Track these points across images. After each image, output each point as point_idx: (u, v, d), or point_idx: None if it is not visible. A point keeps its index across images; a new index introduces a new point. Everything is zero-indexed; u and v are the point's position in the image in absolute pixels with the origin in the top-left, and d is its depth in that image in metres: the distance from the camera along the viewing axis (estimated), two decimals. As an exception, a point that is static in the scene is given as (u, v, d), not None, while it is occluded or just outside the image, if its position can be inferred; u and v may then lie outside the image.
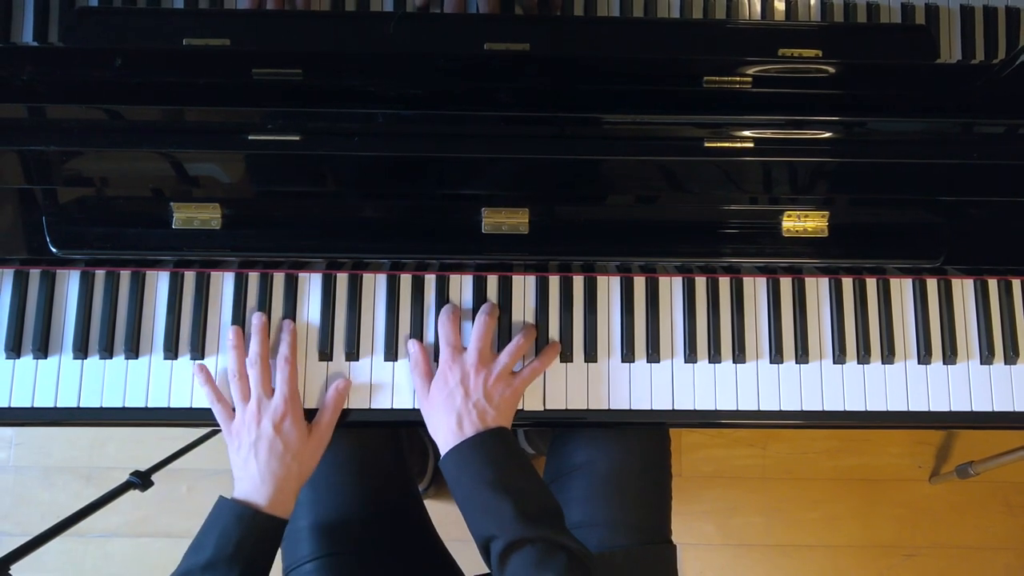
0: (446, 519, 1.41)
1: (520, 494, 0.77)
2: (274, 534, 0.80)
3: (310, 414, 0.87)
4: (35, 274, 0.88)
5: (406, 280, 0.90)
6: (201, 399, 0.87)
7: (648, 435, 0.98)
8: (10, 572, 0.87)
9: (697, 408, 0.89)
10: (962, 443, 1.66)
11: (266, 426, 0.82)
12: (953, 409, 0.90)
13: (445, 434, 0.81)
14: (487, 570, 0.97)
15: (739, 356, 0.90)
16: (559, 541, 0.75)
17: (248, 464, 0.81)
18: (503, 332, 0.89)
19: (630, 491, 0.95)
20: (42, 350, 0.87)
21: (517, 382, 0.85)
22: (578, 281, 0.91)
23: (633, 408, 0.89)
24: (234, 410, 0.85)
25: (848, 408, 0.89)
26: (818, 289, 0.92)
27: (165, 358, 0.88)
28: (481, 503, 0.77)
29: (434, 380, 0.85)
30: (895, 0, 0.86)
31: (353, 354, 0.89)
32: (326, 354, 0.89)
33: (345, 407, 0.88)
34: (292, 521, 0.94)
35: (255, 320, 0.87)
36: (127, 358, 0.87)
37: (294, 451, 0.82)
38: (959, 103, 0.87)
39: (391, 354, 0.89)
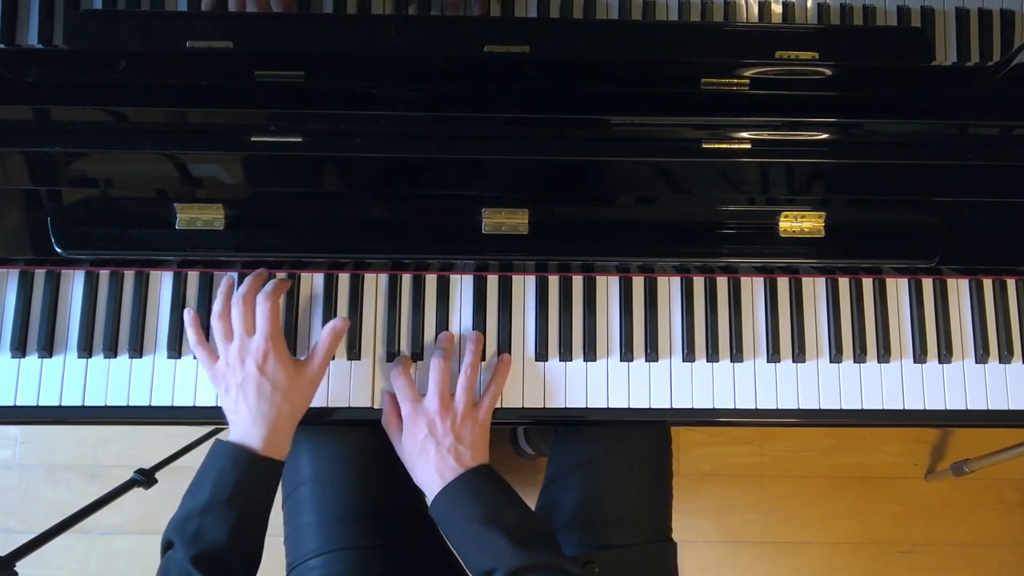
0: (447, 516, 1.42)
1: (512, 525, 0.77)
2: (271, 476, 0.79)
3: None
4: (40, 274, 0.88)
5: (407, 280, 0.90)
6: (206, 398, 0.87)
7: (649, 433, 0.98)
8: (15, 569, 0.87)
9: (695, 407, 0.89)
10: (957, 441, 1.66)
11: (250, 366, 0.80)
12: (948, 407, 0.90)
13: (428, 484, 0.82)
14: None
15: (737, 355, 0.90)
16: (558, 564, 0.75)
17: (239, 406, 0.80)
18: (502, 332, 0.89)
19: (631, 489, 0.95)
20: (47, 349, 0.87)
21: (482, 414, 0.85)
22: (577, 281, 0.91)
23: (632, 407, 0.89)
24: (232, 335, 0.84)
25: (844, 407, 0.89)
26: (815, 289, 0.92)
27: (169, 357, 0.88)
28: (475, 540, 0.77)
29: (403, 435, 0.84)
30: (891, 3, 0.86)
31: (355, 353, 0.89)
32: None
33: (347, 405, 0.88)
34: (296, 516, 0.93)
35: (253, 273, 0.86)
36: (131, 357, 0.88)
37: (283, 390, 0.81)
38: (954, 105, 0.87)
39: (392, 353, 0.89)
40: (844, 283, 0.92)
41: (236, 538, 0.75)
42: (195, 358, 0.87)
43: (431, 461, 0.81)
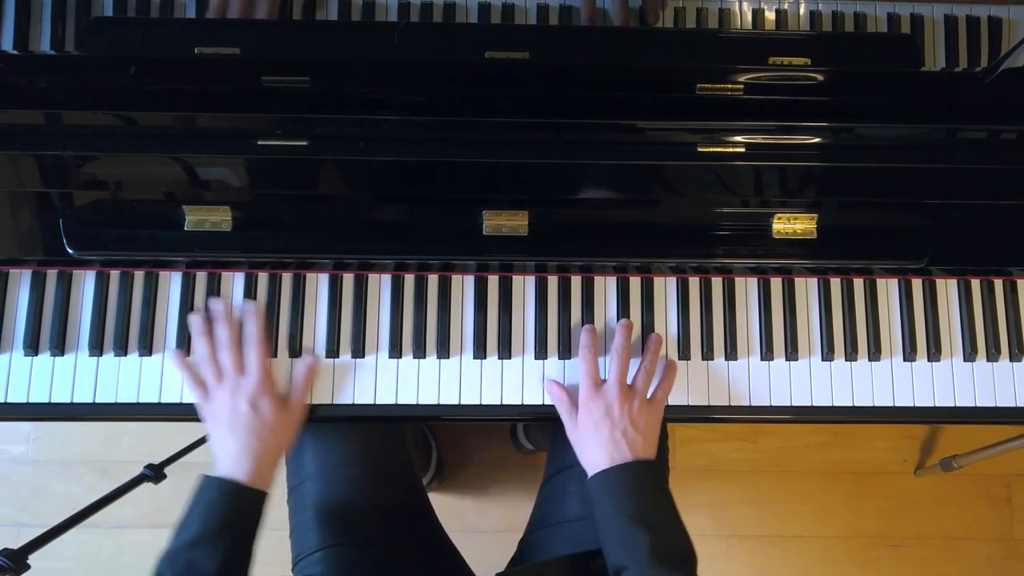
0: (449, 511, 1.42)
1: (658, 532, 0.76)
2: (257, 507, 0.80)
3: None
4: (52, 274, 0.88)
5: (409, 280, 0.90)
6: (212, 395, 0.87)
7: None
8: (28, 562, 0.87)
9: (691, 403, 0.89)
10: (946, 437, 1.66)
11: (241, 404, 0.81)
12: (937, 405, 0.90)
13: (593, 460, 0.81)
14: (488, 562, 0.97)
15: (731, 353, 0.90)
16: None
17: (227, 442, 0.81)
18: (503, 331, 0.89)
19: None
20: (59, 348, 0.87)
21: (657, 405, 0.85)
22: (576, 281, 0.91)
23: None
24: (221, 376, 0.84)
25: (836, 404, 0.89)
26: (807, 289, 0.92)
27: (177, 355, 0.88)
28: (619, 533, 0.77)
29: (580, 413, 0.84)
30: (881, 10, 0.86)
31: (359, 351, 0.89)
32: (333, 351, 0.88)
33: (351, 402, 0.88)
34: (300, 512, 0.93)
35: (217, 306, 0.86)
36: (141, 355, 0.87)
37: (271, 427, 0.82)
38: (943, 109, 0.87)
39: (395, 351, 0.89)
40: (836, 283, 0.92)
41: (225, 570, 0.75)
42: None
43: (603, 440, 0.81)
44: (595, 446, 0.81)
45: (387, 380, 0.88)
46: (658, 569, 0.73)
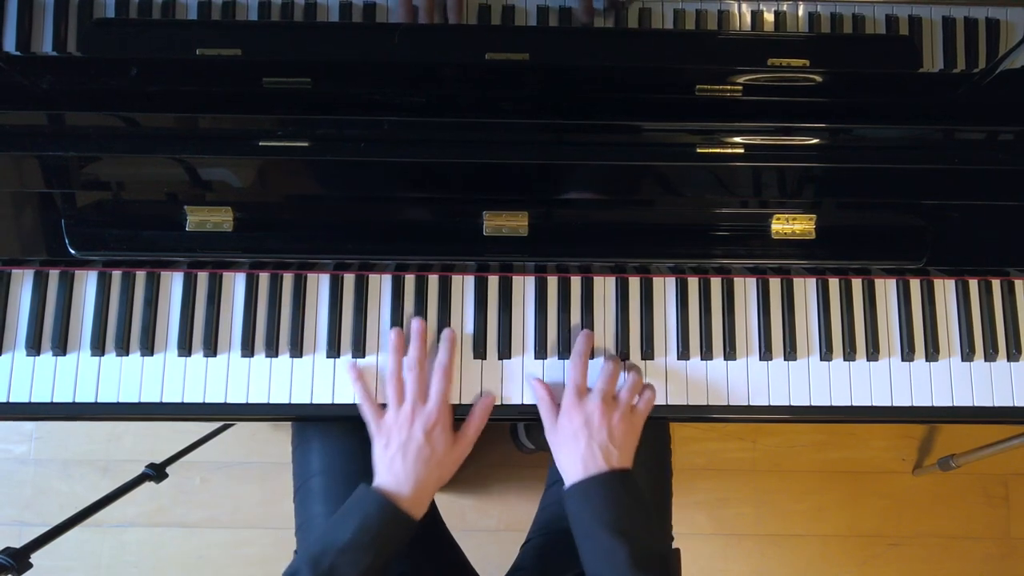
0: (450, 510, 1.41)
1: (635, 541, 0.76)
2: (406, 531, 0.80)
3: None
4: (54, 274, 0.88)
5: (410, 280, 0.90)
6: (214, 394, 0.87)
7: (649, 432, 0.98)
8: (30, 560, 0.87)
9: (690, 403, 0.89)
10: (944, 437, 1.66)
11: (417, 430, 0.82)
12: (935, 404, 0.90)
13: (569, 470, 0.82)
14: (489, 561, 0.97)
15: (730, 353, 0.90)
16: None
17: (394, 462, 0.81)
18: (503, 331, 0.89)
19: None
20: (61, 347, 0.87)
21: (636, 419, 0.85)
22: (575, 281, 0.91)
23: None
24: (383, 407, 0.85)
25: (834, 403, 0.89)
26: (806, 289, 0.92)
27: (179, 355, 0.88)
28: (597, 543, 0.77)
29: (560, 417, 0.84)
30: (879, 11, 0.86)
31: (360, 351, 0.89)
32: (334, 351, 0.88)
33: (352, 401, 0.88)
34: (307, 507, 0.93)
35: (415, 325, 0.87)
36: (143, 355, 0.87)
37: (439, 458, 0.82)
38: (941, 110, 0.87)
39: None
40: (834, 283, 0.92)
41: None
42: (205, 356, 0.87)
43: (579, 450, 0.81)
44: (572, 454, 0.81)
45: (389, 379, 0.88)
46: None
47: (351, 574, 0.74)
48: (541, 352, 0.89)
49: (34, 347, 0.87)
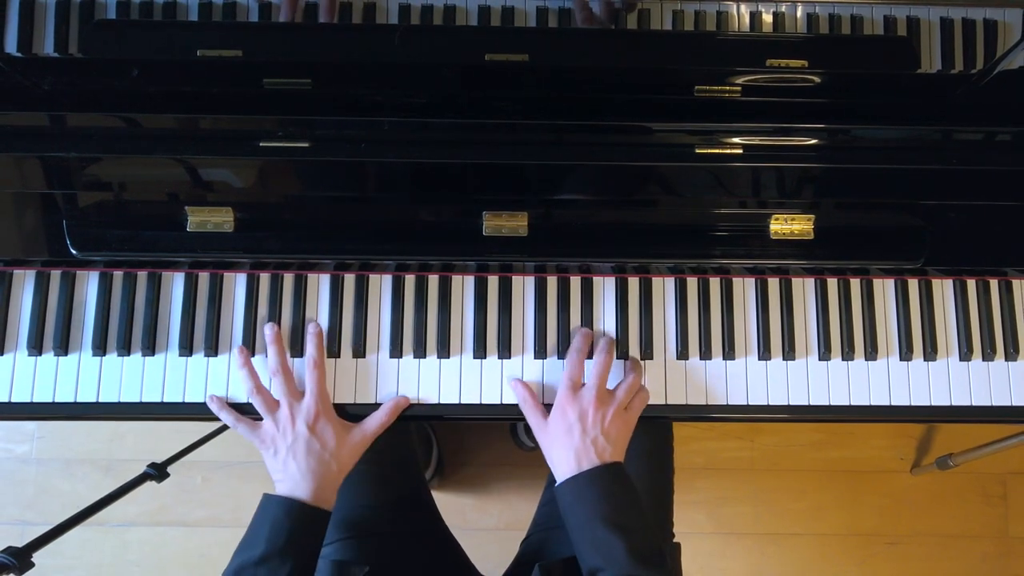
0: (449, 508, 1.41)
1: (632, 532, 0.76)
2: (320, 526, 0.79)
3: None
4: (56, 275, 0.88)
5: (410, 280, 0.90)
6: (216, 393, 0.87)
7: (652, 431, 0.98)
8: (32, 560, 0.87)
9: (689, 403, 0.89)
10: (942, 436, 1.66)
11: (300, 427, 0.82)
12: (933, 404, 0.90)
13: (563, 466, 0.81)
14: (489, 559, 0.97)
15: (729, 353, 0.90)
16: None
17: (288, 465, 0.81)
18: (503, 331, 0.89)
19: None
20: (63, 347, 0.87)
21: (630, 416, 0.85)
22: (575, 281, 0.91)
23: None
24: (276, 402, 0.84)
25: (833, 403, 0.89)
26: (804, 289, 0.92)
27: (180, 355, 0.88)
28: (593, 537, 0.77)
29: (552, 413, 0.84)
30: (878, 12, 0.86)
31: (360, 351, 0.89)
32: (334, 351, 0.88)
33: (352, 401, 0.88)
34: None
35: (267, 331, 0.86)
36: (144, 355, 0.87)
37: (331, 450, 0.82)
38: (939, 111, 0.87)
39: (396, 351, 0.89)
40: (833, 283, 0.92)
41: None
42: (206, 356, 0.87)
43: (573, 446, 0.81)
44: (565, 450, 0.81)
45: (388, 380, 0.88)
46: (638, 569, 0.74)
47: None
48: (541, 352, 0.89)
49: (36, 347, 0.87)
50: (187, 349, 0.87)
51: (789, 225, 0.87)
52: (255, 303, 0.89)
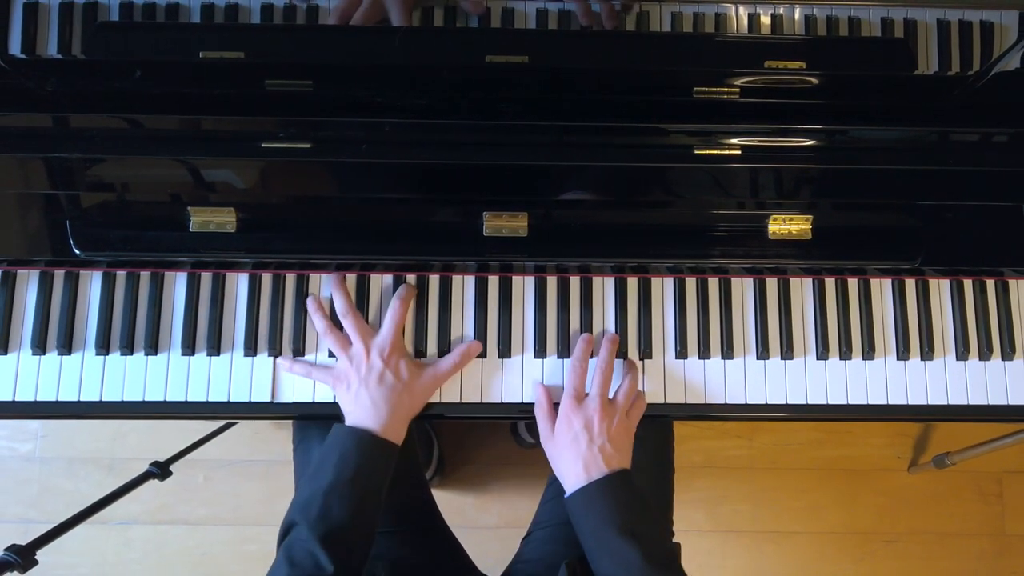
0: (450, 507, 1.42)
1: (646, 539, 0.76)
2: (389, 458, 0.79)
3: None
4: (59, 275, 0.88)
5: (411, 280, 0.90)
6: (218, 393, 0.87)
7: (653, 430, 0.98)
8: (36, 557, 0.87)
9: (688, 402, 0.89)
10: (939, 435, 1.66)
11: (375, 359, 0.82)
12: (930, 403, 0.90)
13: (572, 476, 0.81)
14: (489, 557, 0.97)
15: (727, 352, 0.90)
16: None
17: (359, 397, 0.81)
18: (503, 331, 0.89)
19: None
20: (66, 347, 0.87)
21: (631, 422, 0.85)
22: (575, 282, 0.91)
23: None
24: (348, 341, 0.85)
25: (831, 402, 0.89)
26: (802, 289, 0.92)
27: (183, 354, 0.88)
28: (608, 546, 0.77)
29: (558, 423, 0.84)
30: (875, 14, 0.86)
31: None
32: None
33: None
34: None
35: (333, 278, 0.87)
36: (147, 354, 0.87)
37: (405, 383, 0.82)
38: (936, 112, 0.87)
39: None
40: (830, 283, 0.92)
41: (358, 517, 0.75)
42: (208, 355, 0.87)
43: (580, 455, 0.81)
44: (572, 459, 0.81)
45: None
46: (655, 574, 0.74)
47: (342, 512, 0.74)
48: (540, 351, 0.89)
49: (39, 346, 0.87)
50: (190, 348, 0.88)
51: (787, 225, 0.87)
52: (257, 303, 0.89)
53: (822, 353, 0.90)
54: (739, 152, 0.83)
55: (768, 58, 0.85)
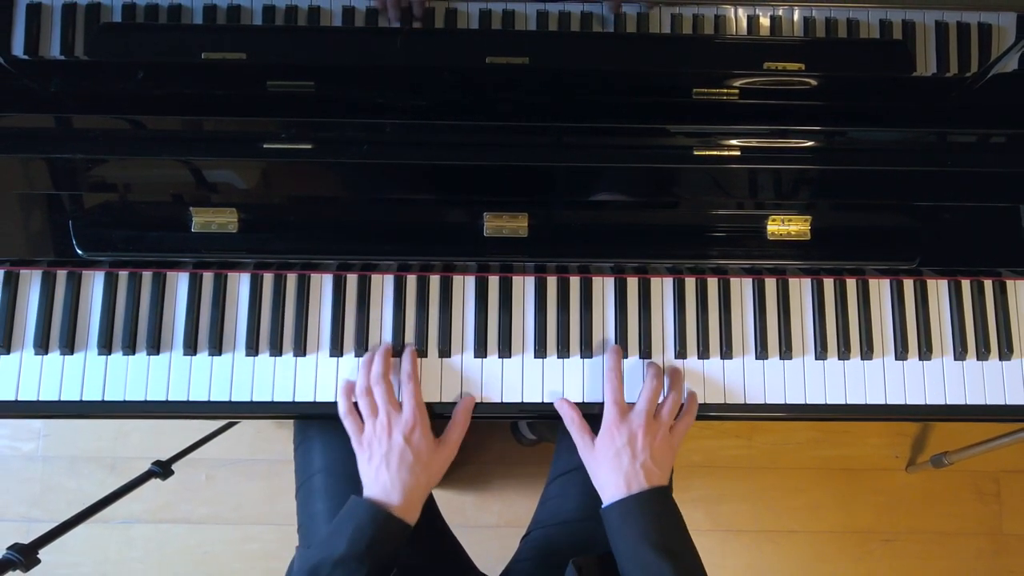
0: (449, 506, 1.42)
1: (679, 556, 0.77)
2: (400, 538, 0.80)
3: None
4: (62, 275, 0.88)
5: (412, 281, 0.90)
6: (219, 393, 0.87)
7: None
8: (38, 556, 0.87)
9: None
10: (937, 434, 1.66)
11: (397, 438, 0.82)
12: (928, 403, 0.90)
13: (611, 487, 0.81)
14: (489, 556, 0.97)
15: (726, 352, 0.90)
16: None
17: (380, 473, 0.81)
18: (503, 330, 0.89)
19: None
20: (69, 347, 0.87)
21: (675, 438, 0.85)
22: (574, 282, 0.91)
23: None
24: (363, 422, 0.85)
25: (829, 401, 0.89)
26: (801, 289, 0.92)
27: (184, 354, 0.88)
28: (642, 561, 0.77)
29: (600, 436, 0.84)
30: (874, 16, 0.86)
31: (362, 350, 0.89)
32: (337, 351, 0.89)
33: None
34: (309, 505, 0.93)
35: (381, 346, 0.88)
36: (149, 354, 0.87)
37: (424, 462, 0.83)
38: (934, 114, 0.87)
39: (398, 351, 0.89)
40: (829, 284, 0.92)
41: None
42: (210, 355, 0.87)
43: (622, 469, 0.81)
44: (614, 472, 0.81)
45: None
46: None
47: None
48: (540, 351, 0.89)
49: (42, 346, 0.87)
50: (191, 348, 0.88)
51: (786, 226, 0.87)
52: (258, 303, 0.89)
53: (820, 353, 0.90)
54: (738, 153, 0.83)
55: (767, 60, 0.85)
